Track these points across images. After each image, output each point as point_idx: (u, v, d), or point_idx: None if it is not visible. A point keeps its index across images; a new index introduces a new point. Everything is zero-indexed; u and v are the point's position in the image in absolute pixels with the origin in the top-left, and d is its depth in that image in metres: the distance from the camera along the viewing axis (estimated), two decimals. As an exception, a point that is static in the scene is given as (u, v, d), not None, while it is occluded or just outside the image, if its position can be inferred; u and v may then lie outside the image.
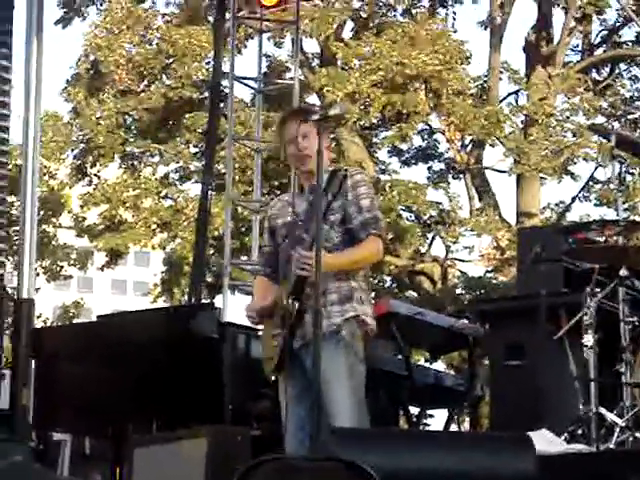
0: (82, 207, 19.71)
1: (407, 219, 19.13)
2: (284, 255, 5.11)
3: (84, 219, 20.14)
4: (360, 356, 5.00)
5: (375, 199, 5.18)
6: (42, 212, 19.00)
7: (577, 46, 20.00)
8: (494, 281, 19.12)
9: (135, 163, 19.68)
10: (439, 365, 14.97)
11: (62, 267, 21.67)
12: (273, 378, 5.06)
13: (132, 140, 19.43)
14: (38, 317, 24.08)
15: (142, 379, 6.71)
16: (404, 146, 19.34)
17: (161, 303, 19.98)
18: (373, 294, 16.87)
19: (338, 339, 4.94)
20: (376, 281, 18.87)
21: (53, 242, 21.11)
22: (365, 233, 5.02)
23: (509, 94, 19.83)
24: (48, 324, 24.01)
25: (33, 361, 7.35)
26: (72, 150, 19.47)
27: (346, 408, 4.88)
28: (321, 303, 4.70)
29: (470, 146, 19.46)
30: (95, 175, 19.50)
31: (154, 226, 18.85)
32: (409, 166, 19.89)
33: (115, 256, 19.79)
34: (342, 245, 5.03)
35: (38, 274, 21.20)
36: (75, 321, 23.39)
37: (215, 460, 5.22)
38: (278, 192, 17.40)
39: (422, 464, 4.36)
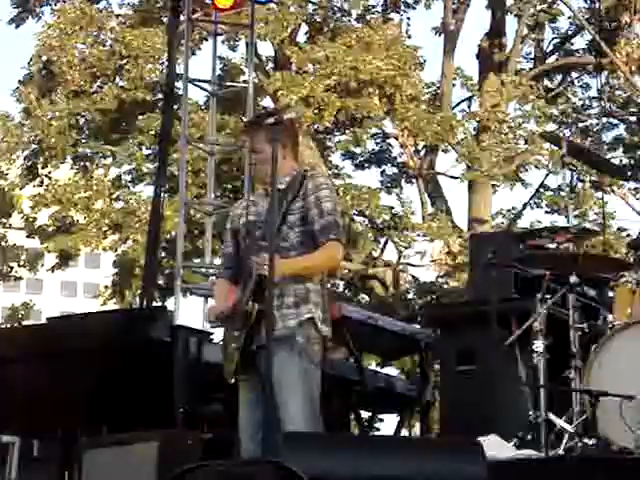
0: (33, 208, 19.53)
1: (360, 223, 19.18)
2: (244, 255, 5.11)
3: (35, 220, 19.96)
4: (315, 360, 5.00)
5: (337, 203, 5.19)
6: (-8, 213, 18.84)
7: (530, 54, 20.19)
8: (446, 286, 19.21)
9: (87, 164, 19.54)
10: (390, 370, 15.02)
11: (12, 268, 21.48)
12: (232, 381, 5.04)
13: (84, 141, 19.29)
14: (-14, 318, 23.89)
15: (92, 382, 6.66)
16: (357, 150, 19.39)
17: (112, 305, 19.84)
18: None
19: (292, 342, 4.94)
20: (329, 285, 18.86)
21: (3, 243, 20.92)
22: (325, 237, 5.01)
23: (462, 100, 19.98)
24: (-3, 326, 23.77)
25: (-19, 363, 7.28)
26: (23, 151, 19.31)
27: (299, 412, 4.87)
28: (274, 306, 4.72)
29: (423, 151, 19.55)
30: (46, 176, 19.33)
31: (105, 228, 18.72)
32: (362, 170, 19.95)
33: (65, 258, 19.65)
34: (300, 246, 5.03)
35: (-13, 275, 21.03)
36: (24, 323, 23.19)
37: (165, 464, 5.20)
38: (231, 195, 17.39)
39: (372, 469, 4.36)
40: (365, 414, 8.41)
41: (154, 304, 11.57)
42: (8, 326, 22.88)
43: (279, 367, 4.79)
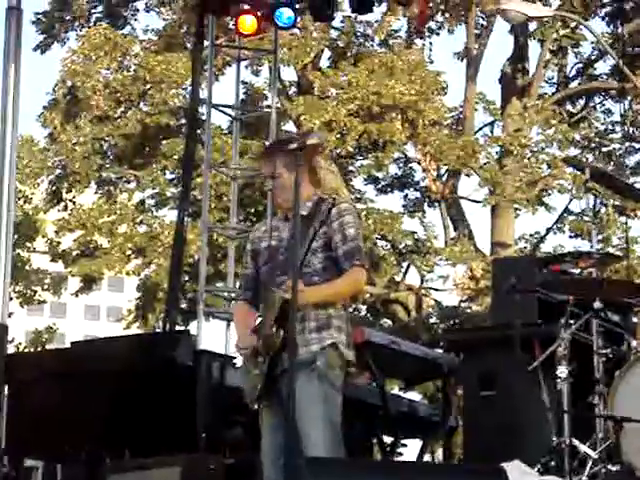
0: (57, 232, 19.65)
1: (382, 247, 19.17)
2: (266, 280, 5.11)
3: (59, 244, 20.07)
4: (336, 385, 4.99)
5: (360, 229, 5.20)
6: (16, 236, 18.92)
7: (552, 78, 20.19)
8: (468, 311, 19.17)
9: (111, 189, 19.65)
10: (413, 394, 14.97)
11: (35, 292, 21.58)
12: (255, 406, 5.04)
13: (108, 166, 19.40)
14: (10, 342, 23.93)
15: (116, 406, 6.68)
16: (380, 174, 19.41)
17: (135, 329, 19.90)
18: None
19: (313, 367, 4.94)
20: (351, 309, 18.87)
21: (27, 267, 21.03)
22: (349, 263, 5.02)
23: (484, 125, 19.98)
24: (20, 349, 23.87)
25: (5, 387, 7.30)
26: (47, 175, 19.43)
27: (320, 437, 4.86)
28: (296, 330, 4.73)
29: (445, 176, 19.55)
30: (70, 201, 19.44)
31: (129, 252, 18.79)
32: (385, 194, 19.96)
33: (89, 281, 19.73)
34: (323, 272, 5.03)
35: (11, 298, 21.11)
36: (48, 346, 23.27)
37: (188, 488, 5.20)
38: (254, 219, 17.43)
39: (396, 494, 4.35)
40: (388, 439, 8.38)
41: (177, 328, 11.60)
42: (32, 350, 22.98)
43: (300, 391, 4.78)
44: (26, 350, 23.85)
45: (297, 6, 9.92)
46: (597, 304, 6.27)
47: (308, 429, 4.86)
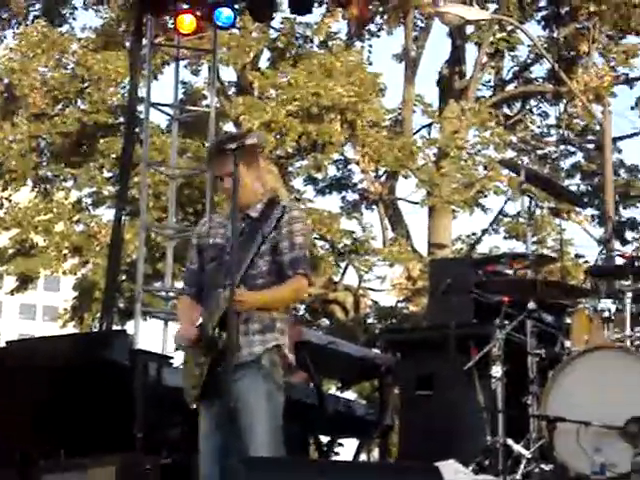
0: (-8, 230, 19.43)
1: (321, 248, 19.21)
2: (211, 278, 5.11)
3: (-6, 242, 19.87)
4: (279, 385, 5.03)
5: (308, 237, 5.22)
6: (-49, 235, 18.71)
7: (489, 81, 20.35)
8: (406, 311, 19.27)
9: (48, 187, 19.48)
10: (350, 394, 15.03)
11: (-30, 291, 21.33)
12: (194, 406, 5.04)
13: (45, 164, 19.24)
14: (-56, 341, 23.63)
15: (51, 406, 6.64)
16: (319, 175, 19.44)
17: (71, 329, 19.74)
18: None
19: (258, 367, 4.97)
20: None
21: (-39, 265, 20.76)
22: (293, 271, 5.05)
23: (422, 127, 20.09)
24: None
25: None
26: (-17, 173, 19.22)
27: (262, 436, 4.89)
28: (241, 332, 4.82)
29: (384, 177, 19.64)
30: (6, 199, 19.24)
31: (66, 251, 18.64)
32: (323, 195, 20.00)
33: (25, 280, 19.53)
34: (267, 275, 5.05)
35: (-55, 297, 20.86)
36: (-18, 346, 22.96)
37: (124, 488, 5.18)
38: (193, 219, 17.37)
39: (332, 493, 4.38)
40: (325, 438, 8.42)
41: (114, 328, 11.55)
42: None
43: (245, 390, 4.85)
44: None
45: (236, 6, 9.93)
46: (531, 305, 6.35)
47: (251, 427, 4.88)
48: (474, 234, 20.17)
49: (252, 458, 4.72)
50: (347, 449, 9.05)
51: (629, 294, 6.21)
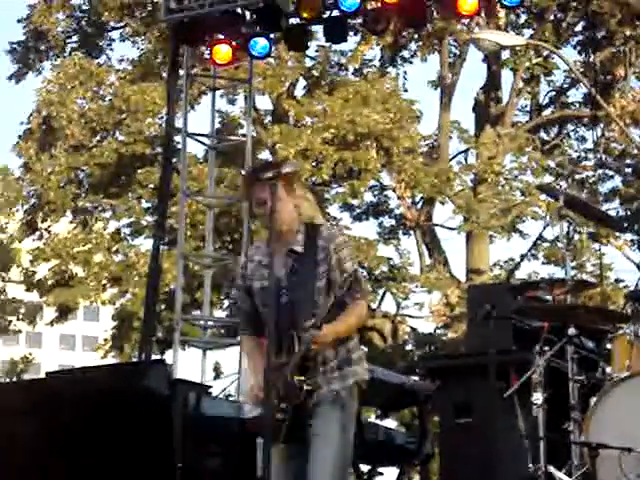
0: (32, 262, 19.57)
1: (358, 275, 19.15)
2: (272, 324, 4.98)
3: (34, 273, 19.98)
4: (353, 416, 5.07)
5: (355, 260, 5.21)
6: (-9, 266, 18.88)
7: (525, 106, 20.33)
8: (444, 337, 19.19)
9: (86, 218, 19.61)
10: (389, 422, 14.97)
11: (10, 322, 21.46)
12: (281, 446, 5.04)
13: (84, 195, 19.38)
14: (-15, 372, 23.82)
15: (91, 436, 6.65)
16: (355, 202, 19.46)
17: (110, 359, 19.82)
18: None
19: (336, 400, 5.00)
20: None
21: (2, 296, 20.93)
22: (350, 298, 5.03)
23: (459, 153, 20.09)
24: (-5, 379, 23.72)
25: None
26: (22, 205, 19.40)
27: (331, 464, 4.91)
28: (319, 372, 4.95)
29: (420, 203, 19.63)
30: (46, 230, 19.41)
31: (104, 281, 18.74)
32: (360, 221, 20.01)
33: (65, 311, 19.64)
34: (330, 309, 4.99)
35: (-14, 329, 21.03)
36: (24, 376, 23.12)
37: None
38: (230, 247, 17.43)
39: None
40: (365, 467, 8.38)
41: (153, 357, 11.57)
42: (7, 381, 22.83)
43: (322, 419, 4.93)
44: (1, 380, 23.72)
45: (272, 35, 9.97)
46: (571, 330, 6.30)
47: (322, 452, 4.91)
48: (512, 260, 20.09)
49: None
50: (387, 478, 9.00)
51: (670, 319, 6.16)
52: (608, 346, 6.95)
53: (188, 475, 6.34)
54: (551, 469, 6.09)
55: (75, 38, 19.98)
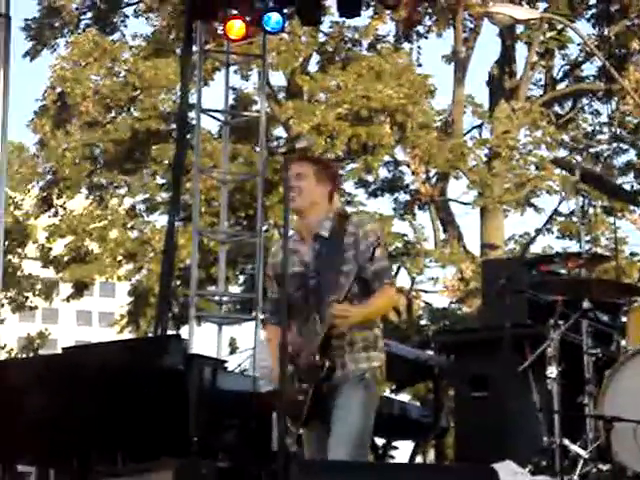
0: (48, 238, 19.64)
1: (373, 250, 19.16)
2: (300, 307, 5.12)
3: (50, 250, 20.06)
4: (375, 400, 5.16)
5: (385, 248, 5.29)
6: (7, 242, 18.92)
7: (540, 80, 20.26)
8: (459, 312, 19.21)
9: (102, 194, 19.67)
10: (404, 396, 15.00)
11: (27, 298, 21.56)
12: (301, 431, 5.13)
13: (99, 172, 19.42)
14: (2, 348, 23.94)
15: (107, 411, 6.68)
16: (370, 178, 19.44)
17: (127, 334, 19.91)
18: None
19: (360, 379, 5.08)
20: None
21: (18, 273, 21.01)
22: (379, 283, 5.11)
23: (473, 127, 20.03)
24: (12, 355, 23.85)
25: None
26: (38, 181, 19.45)
27: (348, 444, 4.98)
28: (347, 352, 5.02)
29: (435, 178, 19.60)
30: (61, 206, 19.46)
31: (120, 257, 18.80)
32: (375, 197, 19.99)
33: (81, 287, 19.72)
34: (356, 294, 5.09)
35: (3, 305, 21.11)
36: (40, 352, 23.24)
37: (181, 492, 5.21)
38: (244, 223, 17.44)
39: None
40: (380, 441, 8.41)
41: (168, 332, 11.62)
42: (23, 356, 22.95)
43: (344, 398, 5.00)
44: (18, 356, 23.84)
45: (285, 11, 9.93)
46: (586, 304, 6.30)
47: (342, 430, 4.97)
48: (527, 234, 20.05)
49: (306, 461, 4.74)
50: (403, 451, 9.04)
51: (685, 291, 6.15)
52: (623, 319, 6.95)
53: (203, 448, 6.37)
54: (566, 442, 6.10)
55: (89, 15, 19.96)
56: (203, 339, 11.20)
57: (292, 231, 5.33)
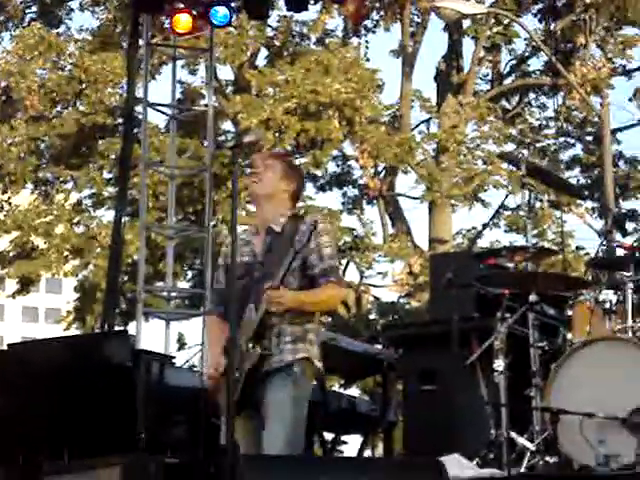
0: (-7, 234, 19.43)
1: (321, 245, 19.16)
2: (241, 296, 5.09)
3: (-6, 246, 19.86)
4: (306, 393, 5.13)
5: (335, 247, 5.31)
6: (-49, 239, 18.72)
7: (487, 75, 20.35)
8: (407, 306, 19.27)
9: (47, 189, 19.48)
10: (353, 390, 15.03)
11: (-28, 294, 21.33)
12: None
13: (44, 166, 19.24)
14: (-53, 345, 23.65)
15: (54, 407, 6.63)
16: (318, 172, 19.45)
17: (74, 330, 19.75)
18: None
19: (288, 373, 5.06)
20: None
21: (-38, 269, 20.76)
22: (325, 280, 5.12)
23: (421, 122, 20.12)
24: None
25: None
26: (-18, 176, 19.22)
27: (282, 435, 4.96)
28: (273, 343, 5.00)
29: (383, 173, 19.64)
30: (6, 201, 19.25)
31: (66, 253, 18.64)
32: (324, 192, 20.02)
33: (27, 283, 19.52)
34: (300, 290, 5.10)
35: (-53, 302, 20.87)
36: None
37: (129, 489, 5.18)
38: (192, 218, 17.37)
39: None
40: (328, 435, 8.42)
41: (116, 328, 11.53)
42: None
43: (273, 393, 4.99)
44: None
45: (232, 4, 9.90)
46: (533, 297, 6.34)
47: (272, 426, 4.96)
48: (474, 228, 20.18)
49: (254, 456, 4.73)
50: (351, 446, 9.05)
51: (630, 285, 6.20)
52: (569, 312, 7.01)
53: (151, 444, 6.34)
54: (513, 435, 6.14)
55: (34, 8, 19.79)
56: (151, 335, 11.15)
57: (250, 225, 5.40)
